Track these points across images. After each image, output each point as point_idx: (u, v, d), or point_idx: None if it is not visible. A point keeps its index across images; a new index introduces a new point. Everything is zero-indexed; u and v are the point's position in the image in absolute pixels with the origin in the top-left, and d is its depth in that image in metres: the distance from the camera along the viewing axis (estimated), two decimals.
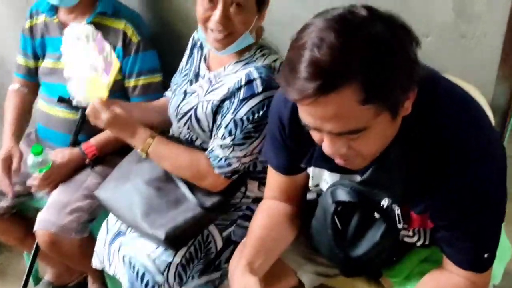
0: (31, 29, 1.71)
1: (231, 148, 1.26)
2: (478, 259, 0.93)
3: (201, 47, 1.46)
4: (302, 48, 0.76)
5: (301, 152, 1.06)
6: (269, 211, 1.16)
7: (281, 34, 1.50)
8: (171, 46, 1.77)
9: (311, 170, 1.09)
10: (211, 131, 1.33)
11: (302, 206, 1.19)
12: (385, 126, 0.82)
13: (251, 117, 1.23)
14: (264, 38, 1.34)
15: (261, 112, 1.23)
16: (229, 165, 1.27)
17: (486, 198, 0.88)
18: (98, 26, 1.57)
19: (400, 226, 0.95)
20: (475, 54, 1.34)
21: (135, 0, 1.79)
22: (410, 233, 1.03)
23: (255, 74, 1.24)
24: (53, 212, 1.48)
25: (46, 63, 1.70)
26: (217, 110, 1.30)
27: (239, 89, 1.25)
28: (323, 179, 1.08)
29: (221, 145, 1.27)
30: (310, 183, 1.12)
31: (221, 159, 1.27)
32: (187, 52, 1.52)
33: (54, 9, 1.65)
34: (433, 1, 1.32)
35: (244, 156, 1.27)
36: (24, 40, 1.74)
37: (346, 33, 0.74)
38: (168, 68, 1.66)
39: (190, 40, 1.53)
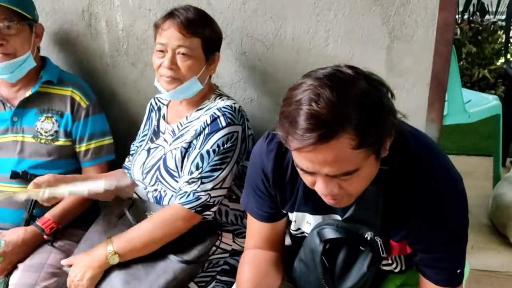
0: None
1: (199, 182, 1.32)
2: (454, 276, 1.05)
3: (159, 110, 1.55)
4: (299, 103, 0.87)
5: (283, 200, 1.15)
6: (255, 261, 1.21)
7: (232, 94, 1.66)
8: (117, 110, 1.83)
9: (294, 215, 1.17)
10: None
11: (283, 251, 1.26)
12: (372, 166, 0.94)
13: (216, 149, 1.32)
14: (220, 89, 1.50)
15: (225, 145, 1.32)
16: (198, 198, 1.32)
17: (458, 226, 1.02)
18: (44, 95, 1.60)
19: (384, 255, 1.06)
20: (406, 103, 1.55)
21: (78, 67, 1.84)
22: (390, 261, 1.14)
23: (218, 113, 1.35)
24: None
25: None
26: (185, 154, 1.37)
27: (205, 128, 1.34)
28: (305, 222, 1.17)
29: (188, 181, 1.32)
30: (293, 227, 1.20)
31: (189, 194, 1.32)
32: (145, 117, 1.60)
33: None
34: (368, 61, 1.53)
35: (213, 188, 1.33)
36: None
37: (339, 89, 0.86)
38: (115, 132, 1.71)
39: (148, 106, 1.62)
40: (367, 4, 1.49)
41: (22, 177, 1.53)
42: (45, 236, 1.51)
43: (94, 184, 1.35)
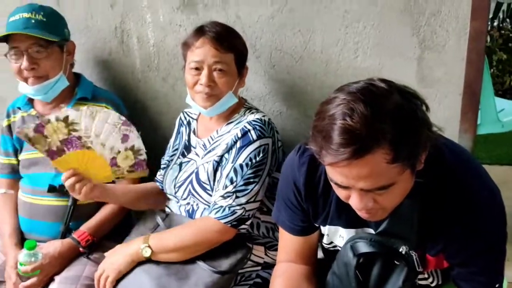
0: (9, 127, 1.72)
1: (234, 196, 1.32)
2: None
3: (188, 124, 1.57)
4: (332, 118, 0.87)
5: (315, 213, 1.15)
6: (287, 275, 1.20)
7: (261, 107, 1.67)
8: (148, 124, 1.87)
9: (326, 228, 1.16)
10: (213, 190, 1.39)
11: (315, 265, 1.25)
12: (407, 181, 0.93)
13: (249, 163, 1.33)
14: (249, 103, 1.52)
15: (257, 158, 1.33)
16: (233, 213, 1.32)
17: (494, 237, 1.01)
18: None
19: (420, 269, 1.04)
20: (439, 114, 1.53)
21: (111, 83, 1.89)
22: (426, 275, 1.12)
23: (249, 126, 1.36)
24: None
25: (25, 155, 1.69)
26: (217, 167, 1.38)
27: (236, 142, 1.35)
28: (338, 236, 1.16)
29: (223, 195, 1.33)
30: (325, 241, 1.19)
31: (225, 208, 1.33)
32: (175, 132, 1.62)
33: (30, 103, 1.68)
34: (398, 72, 1.52)
35: (247, 202, 1.33)
36: (4, 140, 1.74)
37: (373, 103, 0.86)
38: (146, 146, 1.72)
39: (177, 121, 1.64)
40: (397, 15, 1.49)
41: (59, 190, 1.57)
42: (80, 249, 1.54)
43: None
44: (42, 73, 1.54)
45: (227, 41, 1.37)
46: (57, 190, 1.57)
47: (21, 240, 1.63)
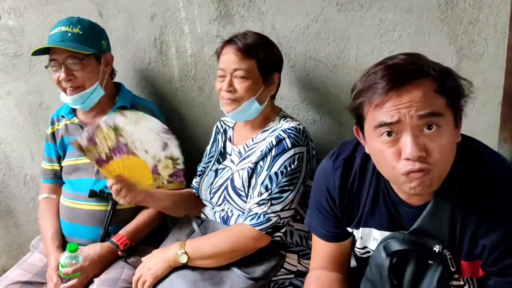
0: (53, 134, 1.79)
1: (269, 203, 1.34)
2: None
3: (225, 132, 1.60)
4: (373, 73, 0.96)
5: (349, 216, 1.15)
6: (319, 282, 1.20)
7: (295, 115, 1.68)
8: (185, 132, 1.91)
9: (360, 231, 1.16)
10: (248, 197, 1.41)
11: (348, 273, 1.24)
12: (451, 132, 0.95)
13: (284, 171, 1.34)
14: (284, 111, 1.54)
15: (292, 166, 1.35)
16: (268, 220, 1.34)
17: None
18: None
19: (453, 269, 1.02)
20: (477, 123, 1.51)
21: (150, 92, 1.95)
22: (461, 282, 1.10)
23: (284, 134, 1.38)
24: None
25: (68, 162, 1.76)
26: (252, 174, 1.40)
27: (271, 149, 1.38)
28: (372, 239, 1.15)
29: (258, 202, 1.35)
30: (358, 245, 1.18)
31: (260, 215, 1.34)
32: (211, 139, 1.66)
33: (73, 111, 1.75)
34: None
35: (282, 210, 1.34)
36: (48, 146, 1.81)
37: (412, 56, 0.97)
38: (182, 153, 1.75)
39: (214, 129, 1.68)
40: (434, 24, 1.48)
41: (99, 195, 1.63)
42: (119, 252, 1.59)
43: None
44: (78, 83, 1.60)
45: (250, 49, 1.40)
46: (97, 195, 1.63)
47: (62, 243, 1.70)
